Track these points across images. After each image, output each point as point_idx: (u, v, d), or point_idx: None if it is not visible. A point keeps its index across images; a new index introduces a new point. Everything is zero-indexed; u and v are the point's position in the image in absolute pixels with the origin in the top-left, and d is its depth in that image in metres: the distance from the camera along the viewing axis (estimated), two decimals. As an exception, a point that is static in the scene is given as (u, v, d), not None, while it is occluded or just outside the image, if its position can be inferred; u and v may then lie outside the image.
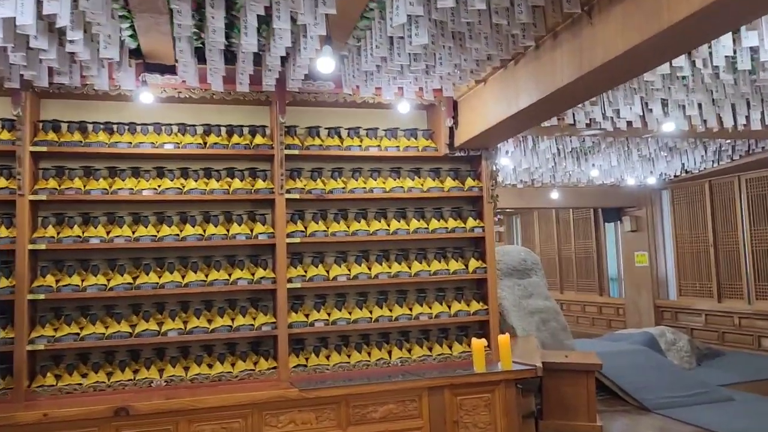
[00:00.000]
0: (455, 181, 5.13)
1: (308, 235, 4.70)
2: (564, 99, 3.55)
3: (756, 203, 8.80)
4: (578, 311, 12.61)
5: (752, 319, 8.76)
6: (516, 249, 7.10)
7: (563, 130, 5.78)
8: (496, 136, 4.58)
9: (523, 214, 14.68)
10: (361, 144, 4.92)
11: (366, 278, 4.80)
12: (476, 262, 5.07)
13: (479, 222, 5.10)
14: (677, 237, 10.23)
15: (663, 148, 7.30)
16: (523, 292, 6.74)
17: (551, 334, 6.63)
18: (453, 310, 4.95)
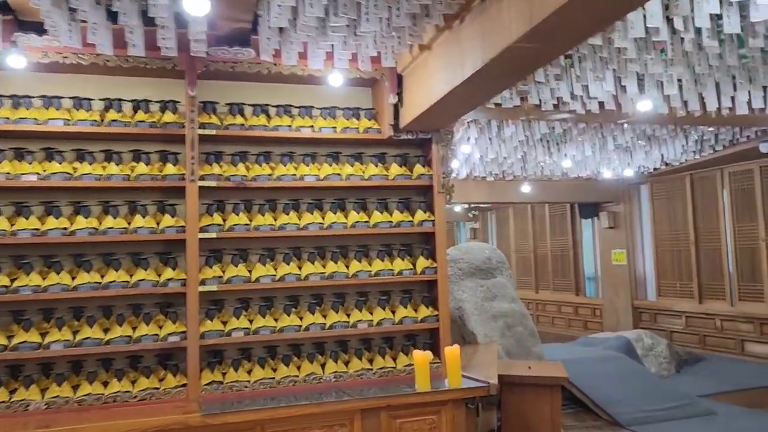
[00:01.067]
0: (402, 168, 4.48)
1: (227, 230, 4.02)
2: (515, 63, 2.91)
3: (739, 198, 8.26)
4: (554, 312, 12.04)
5: (735, 322, 8.22)
6: (480, 246, 6.47)
7: (528, 112, 5.14)
8: (444, 115, 3.93)
9: (498, 210, 14.09)
10: (291, 124, 4.24)
11: (296, 280, 4.12)
12: (425, 260, 4.42)
13: (429, 215, 4.45)
14: (656, 234, 9.68)
15: (641, 137, 6.71)
16: (486, 293, 6.11)
17: (517, 340, 6.00)
18: (398, 317, 4.30)
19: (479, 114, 5.25)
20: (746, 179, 8.16)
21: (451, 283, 6.09)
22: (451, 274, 6.14)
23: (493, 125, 6.10)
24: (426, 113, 3.85)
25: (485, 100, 3.53)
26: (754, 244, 8.04)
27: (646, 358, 7.18)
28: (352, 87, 4.49)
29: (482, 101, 3.56)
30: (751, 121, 5.73)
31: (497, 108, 4.96)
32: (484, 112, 5.17)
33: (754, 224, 8.04)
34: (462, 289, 6.06)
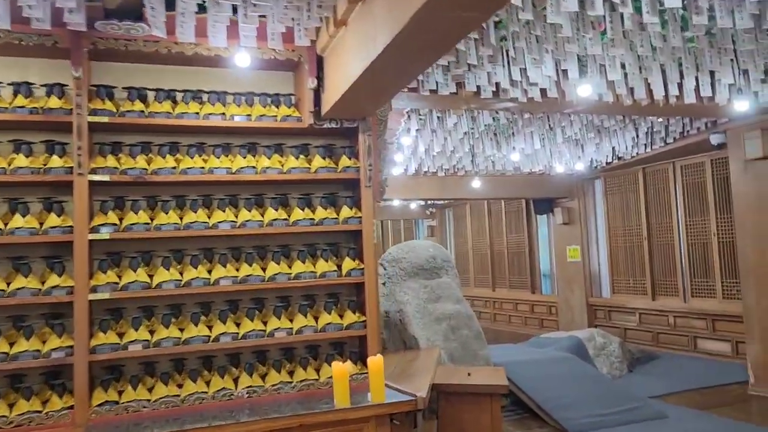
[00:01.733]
0: (327, 160, 4.07)
1: (123, 229, 3.56)
2: (428, 34, 2.53)
3: (691, 192, 8.11)
4: (510, 310, 11.81)
5: (688, 318, 8.07)
6: (423, 245, 6.12)
7: (468, 101, 4.80)
8: (365, 99, 3.54)
9: (456, 207, 13.82)
10: (199, 111, 3.79)
11: (204, 284, 3.69)
12: (352, 261, 4.02)
13: (355, 211, 4.06)
14: (610, 230, 9.50)
15: (590, 128, 6.45)
16: (429, 295, 5.76)
17: (462, 343, 5.67)
18: (321, 324, 3.89)
19: (417, 103, 4.89)
20: (698, 173, 8.01)
21: (393, 285, 5.74)
22: (393, 275, 5.79)
23: (434, 115, 5.74)
24: (344, 98, 3.46)
25: (405, 81, 3.15)
26: (706, 238, 7.89)
27: (598, 358, 6.94)
28: (273, 71, 4.08)
29: (402, 82, 3.18)
30: (700, 111, 5.51)
31: (434, 96, 4.61)
32: (421, 101, 4.81)
33: (705, 219, 7.89)
34: (404, 290, 5.71)
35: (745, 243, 6.05)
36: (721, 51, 4.15)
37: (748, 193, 5.99)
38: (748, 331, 6.01)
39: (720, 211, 7.64)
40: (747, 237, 6.02)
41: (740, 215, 6.10)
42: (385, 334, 5.59)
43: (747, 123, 5.94)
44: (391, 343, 5.58)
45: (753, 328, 5.95)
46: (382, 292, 5.70)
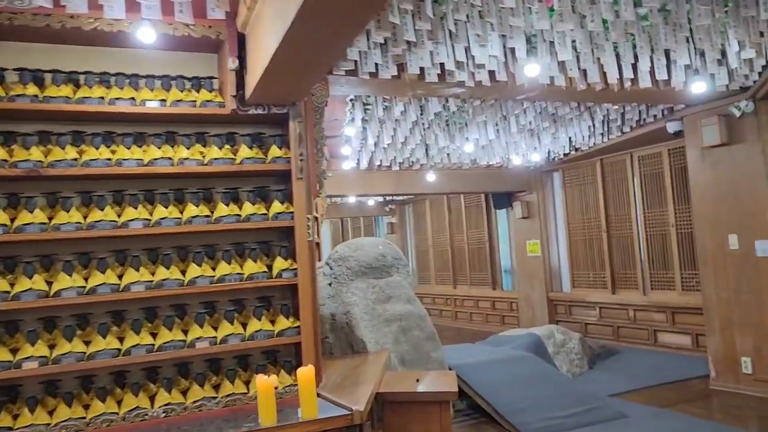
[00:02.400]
0: (254, 149, 3.69)
1: (14, 230, 3.12)
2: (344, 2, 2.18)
3: (649, 183, 7.96)
4: (472, 307, 11.57)
5: (648, 312, 7.92)
6: (373, 242, 5.76)
7: (413, 85, 4.47)
8: (286, 81, 3.17)
9: (415, 203, 13.52)
10: (105, 96, 3.36)
11: (112, 291, 3.27)
12: (284, 261, 3.65)
13: (287, 206, 3.68)
14: (569, 223, 9.32)
15: (544, 117, 6.19)
16: (379, 295, 5.41)
17: (413, 345, 5.34)
18: (250, 331, 3.51)
19: (359, 88, 4.54)
20: (655, 163, 7.86)
21: (339, 285, 5.38)
22: (339, 275, 5.43)
23: (380, 103, 5.40)
24: (264, 79, 3.08)
25: (327, 58, 2.78)
26: (664, 230, 7.75)
27: (558, 355, 6.71)
28: (193, 53, 3.67)
29: (323, 60, 2.81)
30: (656, 97, 5.29)
31: (375, 80, 4.25)
32: (363, 86, 4.46)
33: (663, 210, 7.75)
34: (351, 291, 5.34)
35: (703, 233, 5.88)
36: (676, 27, 3.91)
37: (706, 181, 5.82)
38: (708, 324, 5.85)
39: (678, 201, 7.50)
40: (705, 227, 5.85)
41: (698, 204, 5.93)
42: (331, 338, 5.23)
43: (704, 109, 5.77)
44: (338, 347, 5.21)
45: (712, 321, 5.78)
46: (328, 293, 5.33)
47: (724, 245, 5.71)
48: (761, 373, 5.36)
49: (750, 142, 5.47)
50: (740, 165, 5.54)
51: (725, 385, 5.71)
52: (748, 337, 5.51)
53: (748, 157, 5.48)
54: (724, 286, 5.70)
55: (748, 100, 5.37)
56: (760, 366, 5.38)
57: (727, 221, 5.67)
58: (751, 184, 5.44)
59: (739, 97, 5.43)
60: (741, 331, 5.57)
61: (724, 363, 5.73)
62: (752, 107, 5.38)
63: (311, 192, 4.00)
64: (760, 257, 5.40)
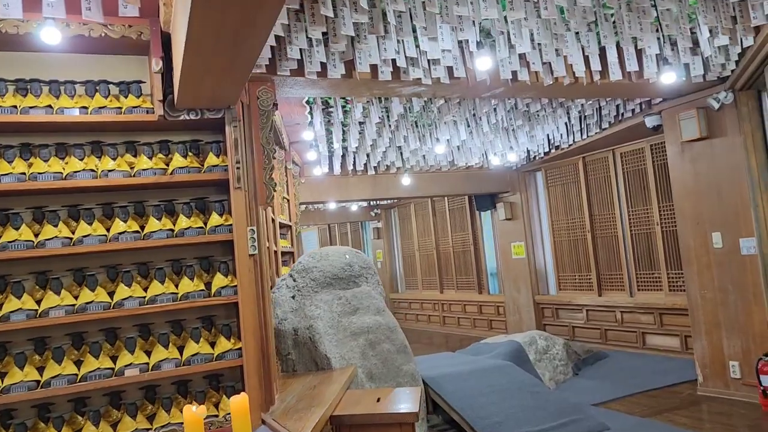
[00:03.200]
0: (189, 158, 3.42)
1: None
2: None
3: (632, 180, 7.69)
4: (459, 312, 11.29)
5: (635, 314, 7.64)
6: (338, 251, 5.48)
7: (368, 86, 4.20)
8: (208, 82, 2.89)
9: (400, 208, 13.25)
10: (18, 105, 3.09)
11: (29, 317, 2.99)
12: (224, 278, 3.38)
13: (226, 218, 3.41)
14: (553, 223, 9.05)
15: (517, 115, 5.92)
16: (345, 307, 5.13)
17: (383, 359, 5.06)
18: (187, 355, 3.24)
19: (311, 90, 4.26)
20: (638, 159, 7.60)
21: (303, 298, 5.10)
22: (303, 287, 5.15)
23: (338, 106, 5.12)
24: (184, 79, 2.80)
25: (244, 52, 2.50)
26: (650, 228, 7.48)
27: (540, 363, 6.43)
28: (120, 55, 3.39)
29: (240, 53, 2.53)
30: (629, 90, 5.03)
31: (325, 80, 3.99)
32: (315, 88, 4.19)
33: (648, 207, 7.49)
34: (315, 303, 5.06)
35: (685, 230, 5.61)
36: (640, 14, 3.65)
37: (687, 177, 5.56)
38: (694, 326, 5.58)
39: (662, 198, 7.24)
40: (687, 224, 5.59)
41: (679, 201, 5.67)
42: (294, 355, 4.95)
43: (682, 103, 5.51)
44: (301, 364, 4.94)
45: (698, 323, 5.51)
46: (290, 307, 5.06)
47: (707, 244, 5.44)
48: (750, 378, 5.09)
49: (731, 134, 5.21)
50: (721, 159, 5.28)
51: (713, 391, 5.44)
52: (735, 339, 5.24)
53: (729, 151, 5.22)
54: (710, 286, 5.43)
55: (727, 91, 5.11)
56: (749, 370, 5.11)
57: (710, 219, 5.41)
58: (733, 179, 5.19)
59: (718, 88, 5.17)
60: (728, 333, 5.30)
61: (711, 367, 5.45)
62: (731, 98, 5.12)
63: (259, 201, 3.74)
64: (745, 255, 5.14)
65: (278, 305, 5.09)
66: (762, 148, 5.10)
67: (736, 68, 4.69)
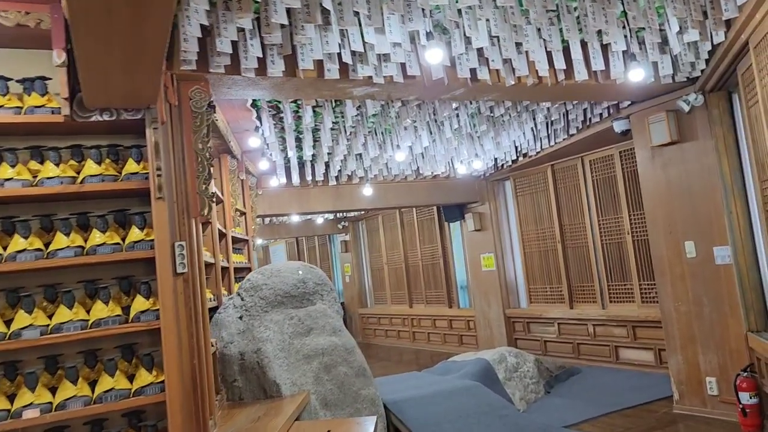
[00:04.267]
0: (104, 164, 3.01)
1: None
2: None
3: (602, 188, 7.45)
4: (429, 327, 10.93)
5: (607, 327, 7.37)
6: (291, 267, 5.09)
7: (316, 86, 3.84)
8: (109, 72, 2.49)
9: (368, 220, 12.89)
10: None
11: None
12: (145, 301, 2.96)
13: (147, 233, 3.01)
14: (523, 234, 8.77)
15: (480, 119, 5.62)
16: (297, 327, 4.74)
17: (339, 384, 4.67)
18: (99, 391, 2.81)
19: (252, 91, 3.89)
20: (607, 167, 7.36)
21: (251, 318, 4.69)
22: (251, 306, 4.74)
23: (288, 111, 4.74)
24: (87, 72, 2.41)
25: (142, 35, 2.13)
26: (620, 238, 7.24)
27: (511, 381, 6.09)
28: (20, 48, 2.98)
29: (146, 39, 2.16)
30: (595, 92, 4.76)
31: (266, 79, 3.62)
32: (255, 88, 3.82)
33: (618, 216, 7.25)
34: (265, 324, 4.65)
35: (657, 240, 5.35)
36: (605, 4, 3.37)
37: (658, 184, 5.31)
38: (668, 341, 5.30)
39: (632, 206, 7.01)
40: (659, 233, 5.33)
41: (650, 209, 5.41)
42: (240, 382, 4.52)
43: (651, 106, 5.27)
44: (248, 391, 4.51)
45: (673, 337, 5.24)
46: (237, 329, 4.64)
47: (680, 253, 5.18)
48: (728, 395, 4.82)
49: (702, 138, 4.97)
50: (693, 164, 5.04)
51: (690, 408, 5.15)
52: (711, 354, 4.97)
53: (700, 156, 4.98)
54: (683, 298, 5.16)
55: (697, 93, 4.88)
56: (726, 386, 4.83)
57: (682, 227, 5.16)
58: (705, 186, 4.94)
59: (687, 90, 4.94)
60: (704, 348, 5.03)
61: (687, 384, 5.17)
62: (702, 100, 4.89)
63: (192, 213, 3.34)
64: (719, 265, 4.89)
65: (224, 327, 4.67)
66: (734, 151, 4.86)
67: (706, 68, 4.45)
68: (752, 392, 4.53)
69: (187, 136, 3.43)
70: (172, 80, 3.32)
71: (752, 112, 4.07)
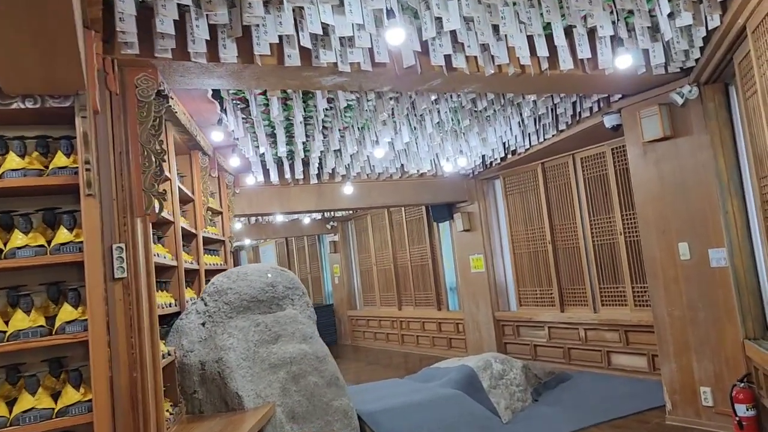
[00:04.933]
0: (29, 158, 2.71)
1: None
2: None
3: (594, 187, 7.16)
4: (418, 329, 10.63)
5: (599, 331, 7.07)
6: (260, 269, 4.78)
7: (282, 77, 3.55)
8: (30, 53, 2.19)
9: (356, 220, 12.58)
10: None
11: None
12: (72, 310, 2.66)
13: (77, 234, 2.70)
14: (513, 234, 8.47)
15: (463, 114, 5.31)
16: (264, 335, 4.44)
17: (308, 395, 4.37)
18: (16, 411, 2.50)
19: (209, 79, 3.59)
20: (599, 164, 7.07)
21: (214, 325, 4.39)
22: (215, 312, 4.44)
23: (253, 103, 4.43)
24: None
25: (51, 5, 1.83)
26: (613, 239, 6.94)
27: (496, 389, 5.78)
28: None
29: (50, 9, 1.86)
30: (582, 84, 4.46)
31: (225, 67, 3.33)
32: (210, 76, 3.51)
33: (611, 216, 6.95)
34: (228, 331, 4.35)
35: (650, 240, 5.06)
36: (587, -18, 3.08)
37: (650, 180, 5.02)
38: (661, 347, 5.01)
39: (625, 205, 6.71)
40: (651, 233, 5.04)
41: (642, 208, 5.12)
42: (200, 393, 4.22)
43: (643, 99, 4.98)
44: (209, 404, 4.20)
45: (666, 344, 4.95)
46: (199, 336, 4.33)
47: (674, 255, 4.88)
48: (723, 406, 4.52)
49: (696, 133, 4.67)
50: (687, 161, 4.74)
51: (684, 420, 4.86)
52: (706, 362, 4.68)
53: (695, 152, 4.68)
54: (677, 303, 4.87)
55: (692, 85, 4.58)
56: (722, 397, 4.54)
57: (675, 227, 4.86)
58: (700, 183, 4.65)
59: (681, 82, 4.64)
60: (698, 356, 4.74)
61: (681, 393, 4.88)
62: (696, 93, 4.59)
63: (136, 212, 3.05)
64: (714, 268, 4.59)
65: (185, 335, 4.36)
66: (731, 147, 4.57)
67: (700, 57, 4.15)
68: (749, 404, 4.23)
69: (132, 127, 3.14)
70: (113, 66, 3.02)
71: (750, 103, 3.77)
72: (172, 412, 3.89)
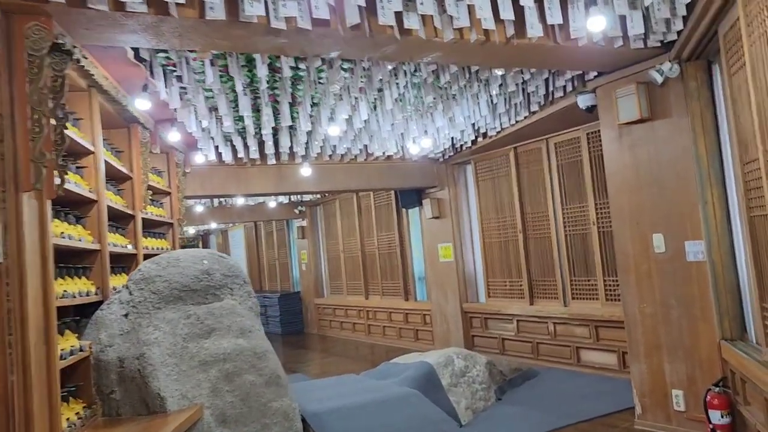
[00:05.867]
0: None
1: None
2: None
3: (567, 174, 6.79)
4: (384, 320, 10.26)
5: (569, 325, 6.74)
6: (195, 255, 4.32)
7: (207, 35, 3.08)
8: None
9: (325, 205, 12.12)
10: None
11: None
12: None
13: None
14: (483, 222, 8.09)
15: (426, 89, 4.87)
16: (194, 328, 3.99)
17: (243, 395, 3.93)
18: None
19: (124, 36, 3.10)
20: (573, 150, 6.69)
21: (139, 316, 3.93)
22: (140, 302, 3.98)
23: (184, 67, 3.94)
24: None
25: None
26: (585, 229, 6.59)
27: (457, 387, 5.40)
28: None
29: None
30: (553, 56, 4.05)
31: (132, 18, 2.85)
32: (123, 32, 3.03)
33: (584, 205, 6.60)
34: (154, 324, 3.89)
35: (622, 231, 4.70)
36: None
37: (624, 166, 4.64)
38: (631, 347, 4.67)
39: (598, 194, 6.35)
40: (625, 224, 4.68)
41: (615, 196, 4.75)
42: (119, 393, 3.76)
43: (620, 78, 4.59)
44: (127, 405, 3.75)
45: (636, 343, 4.61)
46: (120, 329, 3.87)
47: (647, 247, 4.53)
48: (696, 411, 4.19)
49: (676, 115, 4.30)
50: (665, 145, 4.37)
51: (653, 425, 4.52)
52: (679, 364, 4.34)
53: (674, 135, 4.31)
54: (649, 299, 4.52)
55: (672, 62, 4.19)
56: (695, 402, 4.21)
57: (650, 217, 4.50)
58: (678, 170, 4.28)
59: (662, 58, 4.25)
60: (670, 357, 4.39)
61: (651, 396, 4.54)
62: (677, 71, 4.20)
63: (21, 186, 2.59)
64: (691, 262, 4.24)
65: (104, 327, 3.88)
66: (713, 131, 4.20)
67: (683, 28, 3.75)
68: (724, 410, 3.90)
69: (18, 85, 2.66)
70: (-6, 10, 2.53)
71: (735, 80, 3.39)
72: (82, 414, 3.44)
